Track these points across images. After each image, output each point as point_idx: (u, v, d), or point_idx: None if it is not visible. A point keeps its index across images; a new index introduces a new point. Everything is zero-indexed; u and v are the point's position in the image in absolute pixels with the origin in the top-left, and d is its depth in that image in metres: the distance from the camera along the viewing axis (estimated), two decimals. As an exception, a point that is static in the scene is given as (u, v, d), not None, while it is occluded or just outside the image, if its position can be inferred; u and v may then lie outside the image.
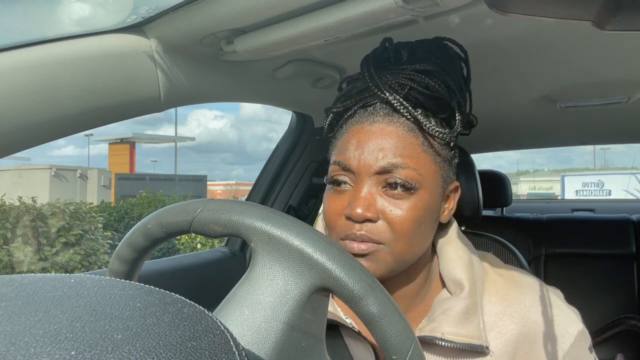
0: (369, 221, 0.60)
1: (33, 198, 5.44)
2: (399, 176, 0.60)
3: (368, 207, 0.59)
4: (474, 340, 0.62)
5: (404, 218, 0.60)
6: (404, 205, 0.60)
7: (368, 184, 0.61)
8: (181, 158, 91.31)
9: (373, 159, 0.61)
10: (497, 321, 0.66)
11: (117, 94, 0.71)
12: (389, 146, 0.61)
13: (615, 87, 1.17)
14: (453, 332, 0.62)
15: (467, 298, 0.65)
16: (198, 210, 0.44)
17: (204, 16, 0.68)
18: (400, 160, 0.60)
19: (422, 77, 0.62)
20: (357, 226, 0.60)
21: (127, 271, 0.51)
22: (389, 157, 0.60)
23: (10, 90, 0.58)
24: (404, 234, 0.60)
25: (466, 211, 1.03)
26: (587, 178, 14.78)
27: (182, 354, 0.22)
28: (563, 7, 0.42)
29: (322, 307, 0.43)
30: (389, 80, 0.62)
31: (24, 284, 0.26)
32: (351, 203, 0.60)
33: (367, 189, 0.61)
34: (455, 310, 0.64)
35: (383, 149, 0.61)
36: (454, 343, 0.62)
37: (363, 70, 0.66)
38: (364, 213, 0.59)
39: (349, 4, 0.61)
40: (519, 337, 0.65)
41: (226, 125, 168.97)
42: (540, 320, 0.66)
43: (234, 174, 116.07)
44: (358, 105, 0.64)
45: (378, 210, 0.60)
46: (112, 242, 5.81)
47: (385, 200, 0.60)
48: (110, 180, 13.66)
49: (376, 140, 0.61)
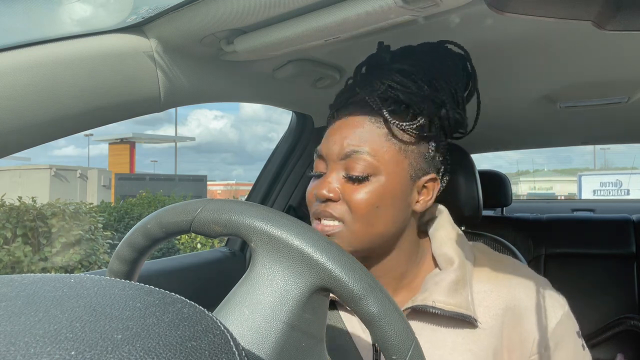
0: (330, 201, 0.67)
1: (33, 198, 5.44)
2: (357, 163, 0.67)
3: (330, 189, 0.67)
4: (463, 310, 0.67)
5: (360, 200, 0.66)
6: (362, 189, 0.67)
7: (334, 169, 0.69)
8: (181, 158, 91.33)
9: (338, 147, 0.68)
10: (485, 297, 0.70)
11: (117, 94, 0.71)
12: (352, 135, 0.68)
13: (615, 87, 1.17)
14: (443, 301, 0.67)
15: (456, 271, 0.70)
16: (198, 210, 0.44)
17: (204, 16, 0.68)
18: (359, 147, 0.67)
19: (399, 76, 0.68)
20: (322, 205, 0.68)
21: (127, 271, 0.51)
22: (351, 144, 0.67)
23: (10, 90, 0.58)
24: (361, 216, 0.67)
25: (466, 211, 1.03)
26: (605, 177, 14.62)
27: (182, 354, 0.22)
28: (563, 7, 0.42)
29: (322, 307, 0.43)
30: (372, 79, 0.69)
31: (24, 284, 0.26)
32: (318, 185, 0.69)
33: (334, 174, 0.69)
34: (445, 282, 0.69)
35: (347, 137, 0.68)
36: (444, 311, 0.67)
37: (355, 71, 0.74)
38: (326, 193, 0.67)
39: (349, 4, 0.61)
40: (505, 312, 0.69)
41: (226, 125, 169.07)
42: (527, 298, 0.71)
43: (234, 174, 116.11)
44: (344, 103, 0.72)
45: (340, 192, 0.68)
46: (112, 242, 5.81)
47: (346, 184, 0.68)
48: (110, 180, 13.66)
49: (343, 130, 0.69)
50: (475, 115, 0.78)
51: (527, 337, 0.69)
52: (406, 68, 0.69)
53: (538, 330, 0.69)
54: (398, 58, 0.71)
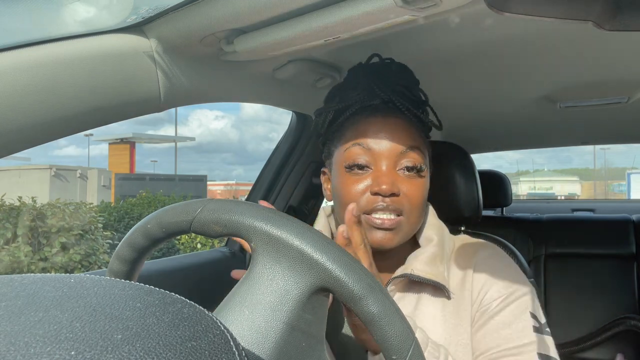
0: (393, 195, 0.71)
1: (33, 198, 5.43)
2: (413, 158, 0.73)
3: (393, 183, 0.71)
4: (438, 279, 0.73)
5: (417, 194, 0.74)
6: (419, 183, 0.74)
7: (388, 164, 0.73)
8: (181, 158, 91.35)
9: (394, 143, 0.73)
10: (463, 277, 0.77)
11: (117, 94, 0.71)
12: (404, 133, 0.74)
13: (615, 87, 1.17)
14: (421, 269, 0.74)
15: (435, 247, 0.77)
16: (198, 210, 0.44)
17: (204, 16, 0.68)
18: (415, 143, 0.74)
19: (408, 84, 0.78)
20: (385, 199, 0.71)
21: (127, 271, 0.51)
22: (407, 140, 0.74)
23: (10, 90, 0.58)
24: (417, 207, 0.74)
25: (466, 211, 1.03)
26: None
27: (182, 354, 0.22)
28: (563, 7, 0.42)
29: (322, 307, 0.43)
30: (387, 85, 0.76)
31: (24, 284, 0.26)
32: (377, 180, 0.72)
33: (389, 169, 0.73)
34: (424, 255, 0.76)
35: (400, 136, 0.74)
36: (421, 278, 0.73)
37: (359, 77, 0.80)
38: (391, 188, 0.71)
39: (349, 4, 0.61)
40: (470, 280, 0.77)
41: (227, 126, 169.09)
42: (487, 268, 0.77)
43: (234, 174, 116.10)
44: (359, 104, 0.76)
45: (398, 187, 0.72)
46: (112, 242, 5.80)
47: (403, 179, 0.73)
48: (110, 180, 13.66)
49: (393, 129, 0.74)
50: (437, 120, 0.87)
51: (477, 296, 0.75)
52: (410, 78, 0.80)
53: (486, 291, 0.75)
54: (400, 69, 0.81)
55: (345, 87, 0.81)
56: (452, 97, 1.28)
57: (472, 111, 1.42)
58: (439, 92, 1.18)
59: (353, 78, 0.81)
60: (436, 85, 1.12)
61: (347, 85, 0.81)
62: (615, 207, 3.52)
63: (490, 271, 0.76)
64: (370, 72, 0.80)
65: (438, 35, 0.81)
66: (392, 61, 0.82)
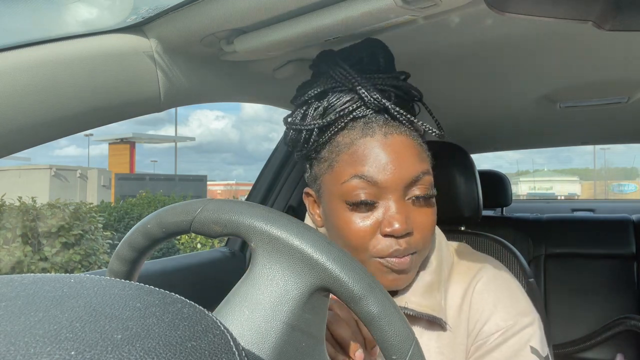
0: (407, 234, 0.62)
1: (33, 198, 5.43)
2: (425, 186, 0.63)
3: (406, 221, 0.61)
4: (435, 313, 0.65)
5: (430, 225, 0.64)
6: (428, 212, 0.64)
7: (397, 197, 0.62)
8: (182, 158, 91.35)
9: (402, 172, 0.61)
10: (456, 300, 0.69)
11: (117, 94, 0.71)
12: (412, 157, 0.62)
13: (615, 87, 1.17)
14: (416, 302, 0.66)
15: (432, 274, 0.68)
16: (198, 210, 0.44)
17: (204, 16, 0.68)
18: (425, 167, 0.63)
19: (397, 82, 0.65)
20: (399, 242, 0.61)
21: (127, 271, 0.51)
22: (416, 165, 0.62)
23: (10, 90, 0.58)
24: (429, 239, 0.65)
25: (466, 211, 1.03)
26: None
27: (182, 354, 0.22)
28: (563, 7, 0.42)
29: (322, 307, 0.43)
30: (377, 87, 0.64)
31: (24, 284, 0.26)
32: (388, 219, 0.61)
33: (399, 202, 0.62)
34: (420, 283, 0.68)
35: (408, 161, 0.62)
36: (417, 312, 0.65)
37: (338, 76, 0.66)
38: (406, 227, 0.60)
39: (349, 4, 0.61)
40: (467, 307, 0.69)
41: (227, 126, 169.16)
42: (487, 295, 0.68)
43: (235, 174, 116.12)
44: (346, 117, 0.64)
45: (411, 223, 0.62)
46: (112, 242, 5.81)
47: (414, 212, 0.63)
48: (110, 180, 13.66)
49: (398, 152, 0.62)
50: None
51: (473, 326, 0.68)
52: (399, 73, 0.68)
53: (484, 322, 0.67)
54: (387, 60, 0.68)
55: (322, 88, 0.67)
56: (452, 97, 1.27)
57: (472, 111, 1.42)
58: (438, 92, 1.18)
59: (329, 75, 0.67)
60: (436, 85, 1.12)
61: (324, 85, 0.67)
62: (615, 207, 3.52)
63: (491, 299, 0.68)
64: (351, 67, 0.66)
65: (438, 35, 0.81)
66: (367, 45, 0.69)
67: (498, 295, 0.68)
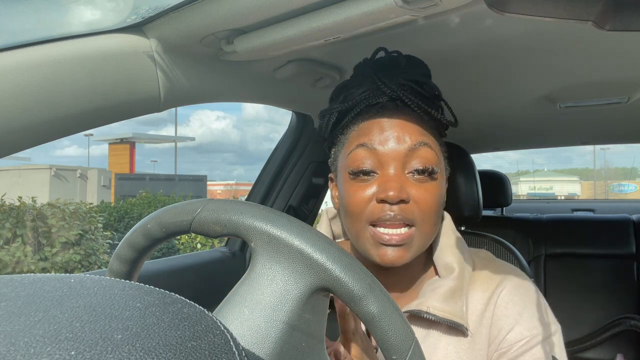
0: (402, 202, 0.63)
1: (33, 198, 5.43)
2: (424, 158, 0.65)
3: (401, 189, 0.63)
4: (456, 319, 0.66)
5: (429, 200, 0.65)
6: (431, 186, 0.66)
7: (395, 167, 0.65)
8: (182, 158, 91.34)
9: (401, 141, 0.65)
10: (478, 306, 0.70)
11: (117, 94, 0.71)
12: (412, 129, 0.66)
13: (615, 87, 1.17)
14: (438, 307, 0.66)
15: (455, 280, 0.69)
16: (198, 210, 0.44)
17: (204, 16, 0.68)
18: (424, 139, 0.66)
19: (418, 79, 0.70)
20: (392, 207, 0.63)
21: (127, 271, 0.51)
22: (416, 137, 0.66)
23: (10, 90, 0.58)
24: (430, 215, 0.65)
25: (466, 211, 1.03)
26: None
27: (182, 354, 0.22)
28: (563, 7, 0.42)
29: (322, 307, 0.43)
30: (394, 81, 0.69)
31: (24, 284, 0.26)
32: (383, 186, 0.64)
33: (396, 172, 0.65)
34: (442, 289, 0.68)
35: (408, 132, 0.66)
36: (438, 317, 0.66)
37: (365, 74, 0.72)
38: (399, 194, 0.62)
39: (349, 4, 0.61)
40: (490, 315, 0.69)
41: (228, 126, 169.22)
42: (511, 305, 0.69)
43: (235, 174, 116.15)
44: (363, 103, 0.69)
45: (408, 192, 0.64)
46: (112, 242, 5.81)
47: (412, 184, 0.65)
48: (110, 180, 13.67)
49: (400, 126, 0.66)
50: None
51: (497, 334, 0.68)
52: (421, 71, 0.72)
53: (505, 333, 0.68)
54: (410, 64, 0.73)
55: (349, 86, 0.74)
56: (452, 97, 1.27)
57: (472, 111, 1.42)
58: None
59: (358, 75, 0.74)
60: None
61: (352, 84, 0.73)
62: (615, 207, 3.52)
63: (516, 308, 0.68)
64: (376, 67, 0.72)
65: (438, 35, 0.81)
66: (400, 54, 0.74)
67: (523, 305, 0.69)
